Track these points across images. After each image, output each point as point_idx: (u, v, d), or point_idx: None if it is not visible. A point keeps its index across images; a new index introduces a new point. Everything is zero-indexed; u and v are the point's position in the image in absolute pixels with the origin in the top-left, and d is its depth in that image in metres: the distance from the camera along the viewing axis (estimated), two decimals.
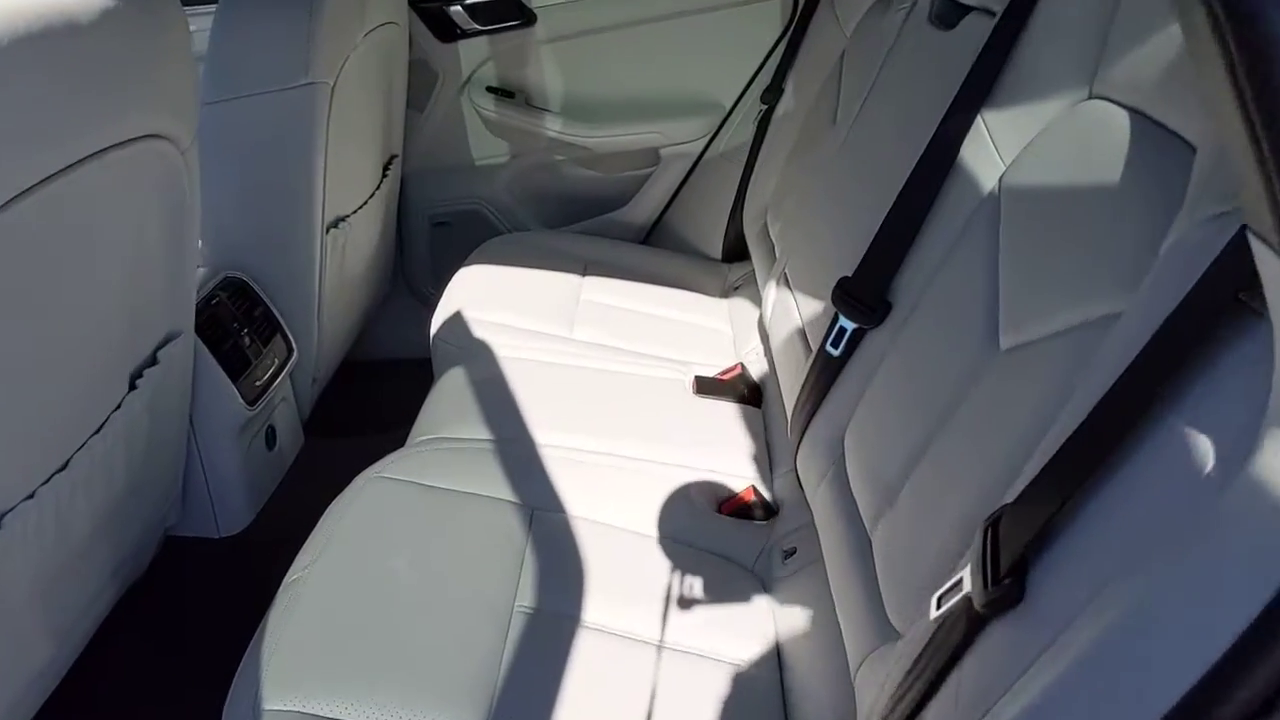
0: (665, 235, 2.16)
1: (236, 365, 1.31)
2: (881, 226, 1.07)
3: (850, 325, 1.07)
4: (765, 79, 1.99)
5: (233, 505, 1.35)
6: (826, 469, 1.06)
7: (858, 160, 1.37)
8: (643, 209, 2.15)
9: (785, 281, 1.45)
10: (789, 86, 1.90)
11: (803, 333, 1.27)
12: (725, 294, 1.99)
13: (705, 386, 1.51)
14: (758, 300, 1.81)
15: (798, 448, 1.14)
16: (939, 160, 1.03)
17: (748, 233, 1.93)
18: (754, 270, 1.87)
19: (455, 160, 2.12)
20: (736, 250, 2.04)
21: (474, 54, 2.01)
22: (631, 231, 2.17)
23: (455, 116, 2.06)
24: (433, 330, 1.64)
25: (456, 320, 1.61)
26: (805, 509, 1.15)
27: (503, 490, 1.17)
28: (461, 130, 2.08)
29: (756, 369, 1.61)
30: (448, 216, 2.16)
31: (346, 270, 1.67)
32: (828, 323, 1.17)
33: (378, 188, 1.80)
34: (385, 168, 1.88)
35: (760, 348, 1.67)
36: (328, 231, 1.53)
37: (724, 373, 1.59)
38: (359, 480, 1.14)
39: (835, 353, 1.08)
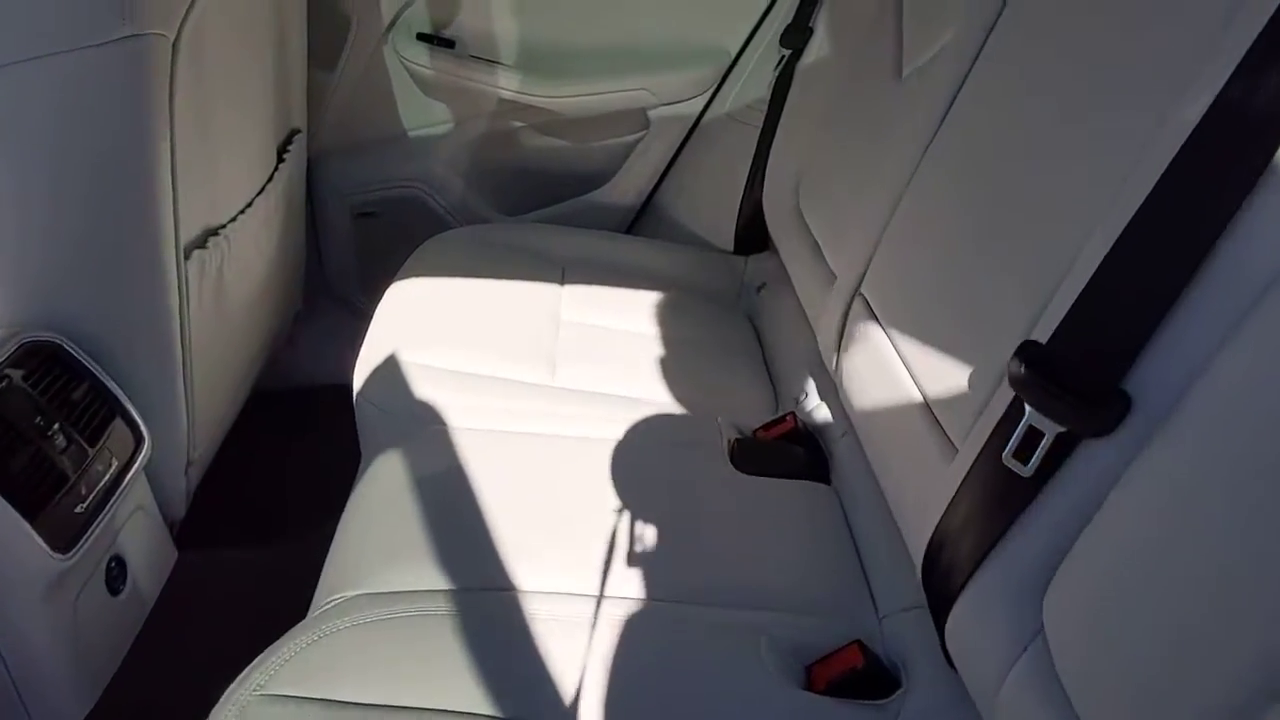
0: (659, 221, 1.70)
1: (39, 489, 0.83)
2: (1102, 265, 0.63)
3: (1051, 427, 0.63)
4: (783, 16, 1.52)
5: (53, 701, 0.88)
6: (1014, 653, 0.64)
7: (970, 137, 0.91)
8: (629, 188, 1.68)
9: (866, 309, 1.00)
10: (819, 25, 1.43)
11: (928, 414, 0.83)
12: (742, 296, 1.54)
13: (748, 455, 1.06)
14: (791, 308, 1.36)
15: (951, 603, 0.71)
16: (1221, 155, 0.58)
17: (770, 217, 1.47)
18: (781, 264, 1.42)
19: (380, 131, 1.62)
20: (753, 238, 1.58)
21: None
22: (615, 217, 1.70)
23: (377, 75, 1.56)
24: (356, 383, 1.17)
25: (388, 369, 1.14)
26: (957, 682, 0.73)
27: (464, 698, 0.72)
28: (386, 92, 1.58)
29: (811, 411, 1.17)
30: (375, 205, 1.66)
31: (229, 300, 1.18)
32: (982, 407, 0.73)
33: (270, 178, 1.31)
34: (282, 149, 1.38)
35: (811, 384, 1.22)
36: (188, 255, 1.04)
37: (769, 427, 1.14)
38: (228, 708, 0.68)
39: (1025, 471, 0.64)
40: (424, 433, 1.03)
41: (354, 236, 1.69)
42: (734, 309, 1.50)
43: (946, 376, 0.81)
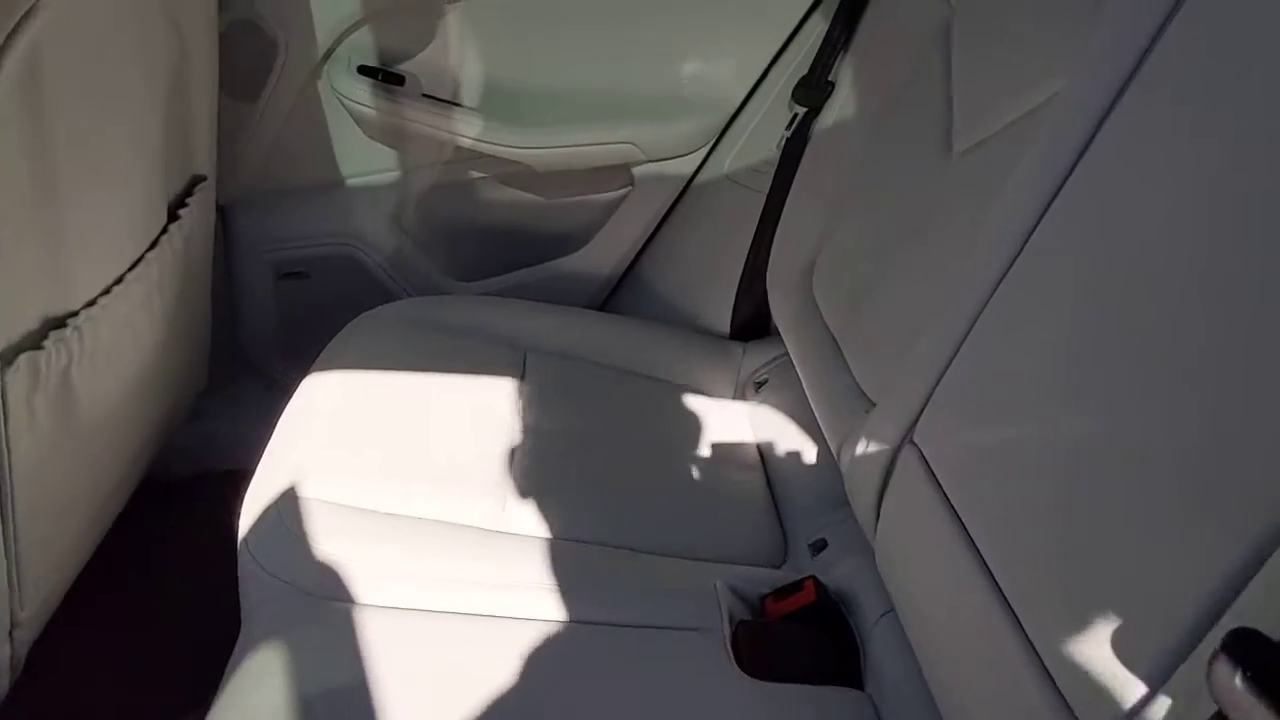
0: (641, 297, 1.44)
1: None
2: None
3: None
4: (796, 66, 1.28)
5: None
6: None
7: (1104, 251, 0.67)
8: (607, 256, 1.42)
9: (920, 464, 0.75)
10: (841, 80, 1.19)
11: (1028, 655, 0.58)
12: (741, 392, 1.29)
13: (759, 649, 0.80)
14: (801, 417, 1.12)
15: None
16: None
17: (775, 300, 1.23)
18: (787, 358, 1.17)
19: (310, 178, 1.36)
20: (753, 322, 1.34)
21: (336, 12, 1.24)
22: (590, 290, 1.45)
23: (309, 112, 1.30)
24: (242, 524, 0.89)
25: (283, 510, 0.87)
26: None
27: None
28: (319, 133, 1.32)
29: (836, 576, 0.92)
30: (302, 264, 1.40)
31: (82, 408, 0.91)
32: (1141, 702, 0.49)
33: (155, 243, 1.04)
34: (178, 203, 1.11)
35: (833, 531, 0.97)
36: (9, 361, 0.77)
37: (782, 594, 0.88)
38: None
39: None
40: (322, 613, 0.76)
41: (276, 300, 1.41)
42: (729, 410, 1.25)
43: (1066, 621, 0.56)
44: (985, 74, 0.92)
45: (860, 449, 0.84)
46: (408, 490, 0.92)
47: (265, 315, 1.42)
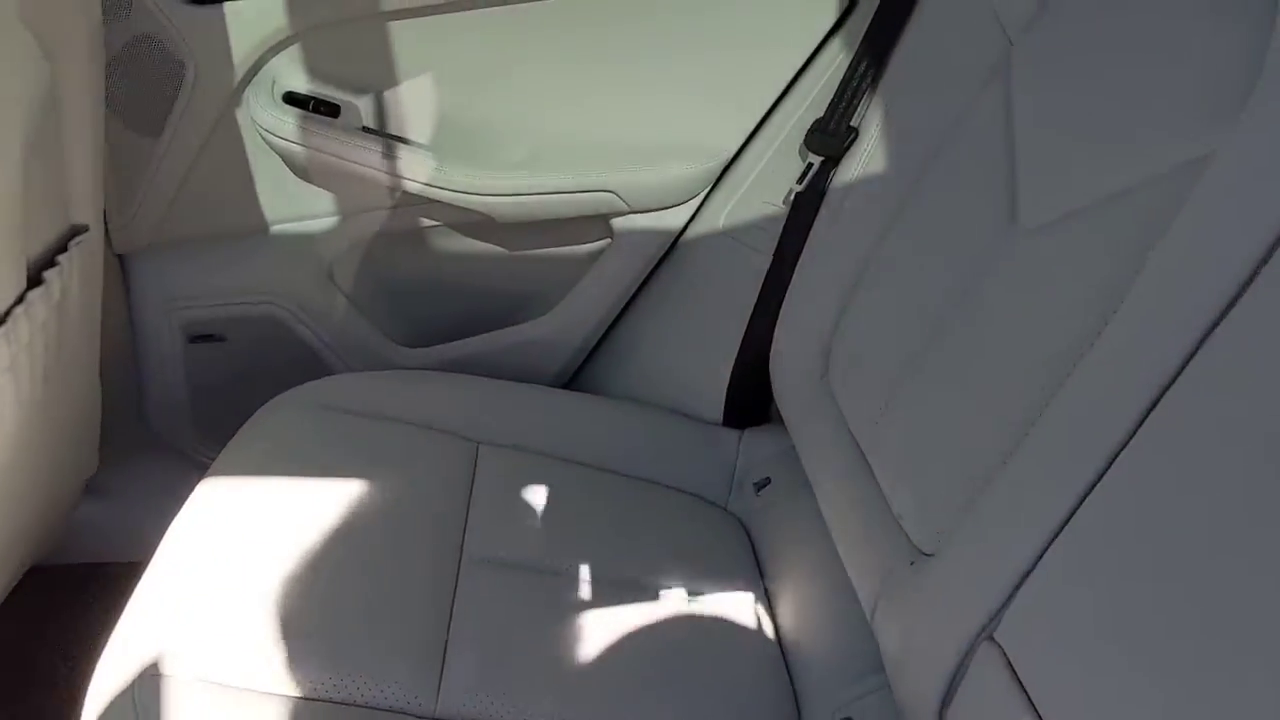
0: (618, 372, 1.23)
1: None
2: None
3: None
4: (809, 104, 1.09)
5: None
6: None
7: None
8: (578, 322, 1.21)
9: (1004, 664, 0.54)
10: (869, 123, 1.00)
11: None
12: (734, 492, 1.08)
13: None
14: (812, 528, 0.91)
15: None
16: None
17: (780, 384, 1.02)
18: (793, 453, 0.97)
19: (224, 225, 1.14)
20: (752, 406, 1.13)
21: (257, 28, 1.03)
22: (558, 361, 1.23)
23: (225, 146, 1.08)
24: (88, 710, 0.67)
25: (140, 697, 0.65)
26: None
27: None
28: (237, 171, 1.10)
29: None
30: (216, 325, 1.17)
31: None
32: None
33: (8, 313, 0.82)
34: (47, 260, 0.89)
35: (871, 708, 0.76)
36: None
37: None
38: None
39: None
40: None
41: (186, 366, 1.19)
42: (722, 516, 1.04)
43: None
44: (1064, 127, 0.73)
45: (913, 633, 0.64)
46: (304, 662, 0.70)
47: (174, 384, 1.20)
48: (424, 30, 1.05)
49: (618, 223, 1.15)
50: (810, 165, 1.03)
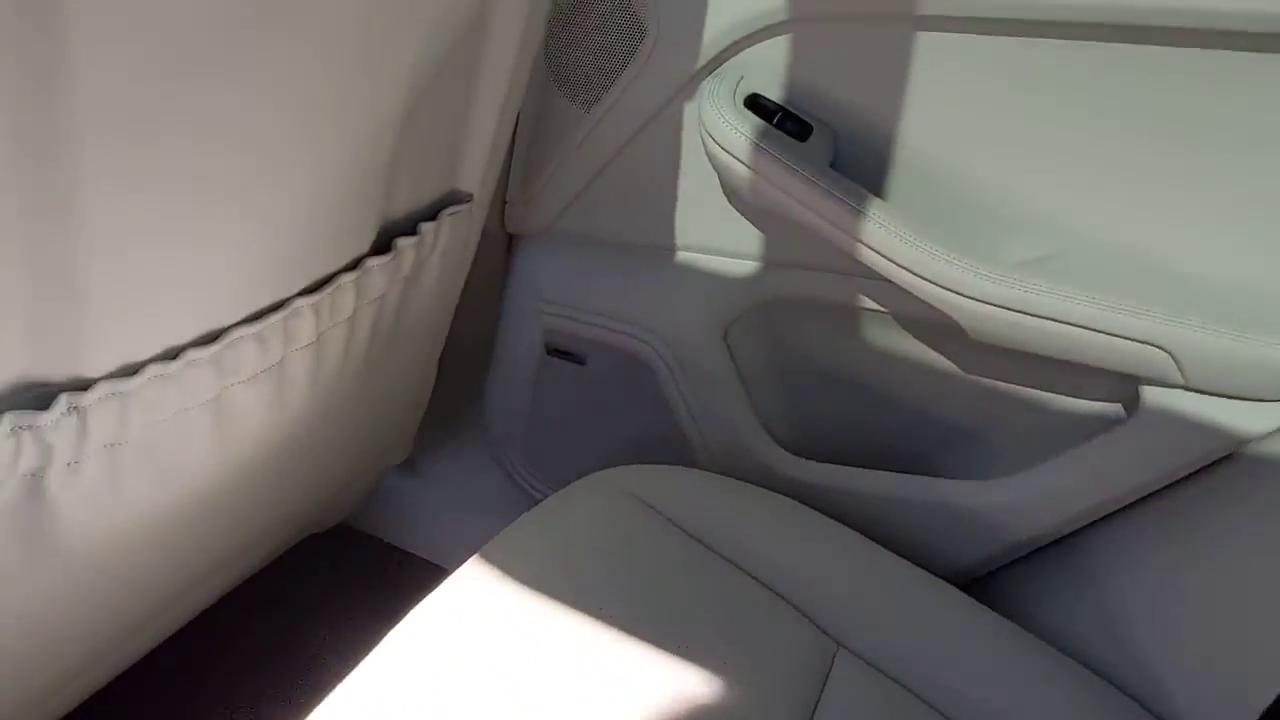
0: (1064, 599, 0.83)
1: None
2: None
3: None
4: None
5: None
6: None
7: None
8: (1037, 508, 0.83)
9: None
10: None
11: None
12: None
13: None
14: None
15: None
16: None
17: None
18: None
19: (624, 231, 0.91)
20: None
21: (740, 8, 0.78)
22: (981, 550, 0.86)
23: (659, 140, 0.85)
24: None
25: None
26: None
27: None
28: (663, 172, 0.87)
29: None
30: (578, 344, 0.96)
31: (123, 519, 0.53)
32: None
33: (332, 278, 0.65)
34: (413, 221, 0.71)
35: None
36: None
37: None
38: None
39: None
40: None
41: (535, 378, 1.00)
42: None
43: None
44: None
45: None
46: None
47: (518, 392, 1.01)
48: (967, 51, 0.73)
49: (1152, 394, 0.75)
50: None
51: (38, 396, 0.48)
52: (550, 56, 0.83)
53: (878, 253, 0.76)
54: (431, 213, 0.75)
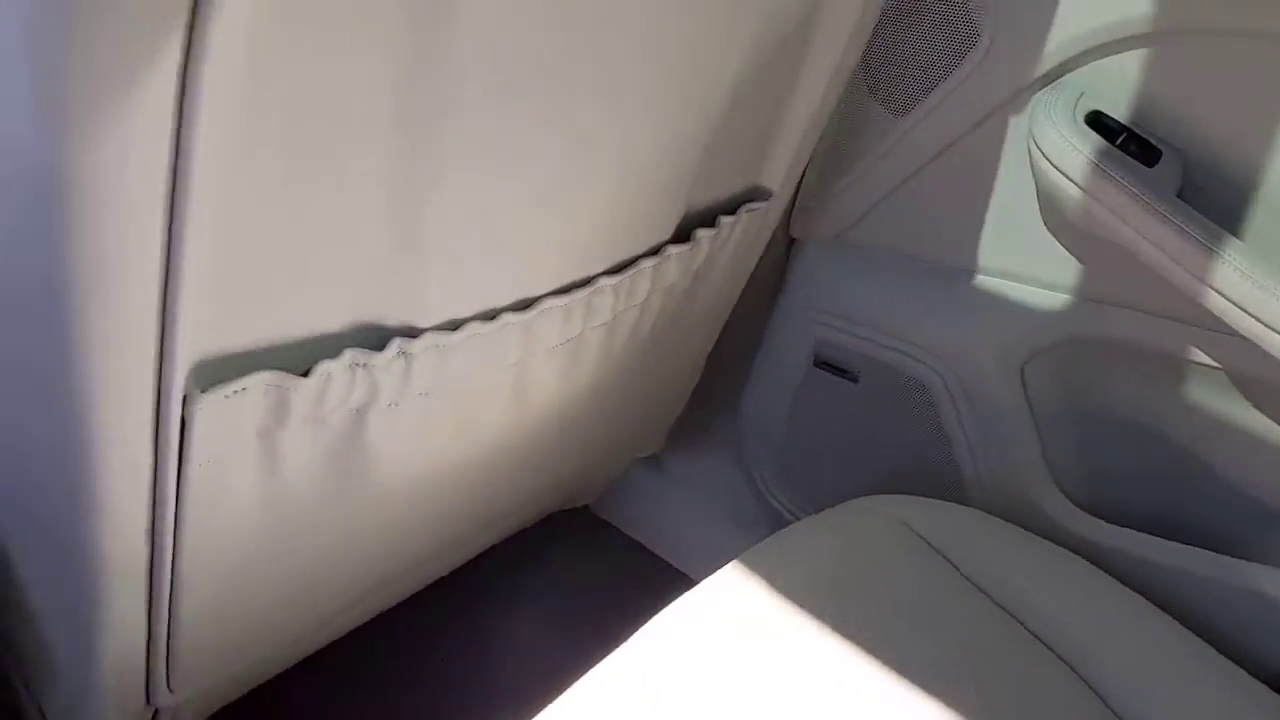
0: None
1: None
2: None
3: None
4: None
5: None
6: None
7: None
8: None
9: None
10: None
11: None
12: None
13: None
14: None
15: None
16: None
17: None
18: None
19: (921, 244, 0.86)
20: None
21: (1087, 18, 0.71)
22: None
23: (980, 153, 0.80)
24: None
25: None
26: None
27: None
28: (978, 186, 0.81)
29: None
30: (850, 359, 0.92)
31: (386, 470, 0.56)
32: None
33: (633, 261, 0.65)
34: (706, 219, 0.71)
35: None
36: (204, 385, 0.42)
37: None
38: None
39: None
40: None
41: (797, 389, 0.97)
42: None
43: None
44: None
45: None
46: None
47: (776, 401, 0.99)
48: None
49: None
50: None
51: (372, 338, 0.51)
52: (866, 57, 0.80)
53: (1227, 299, 0.67)
54: (731, 207, 0.74)
